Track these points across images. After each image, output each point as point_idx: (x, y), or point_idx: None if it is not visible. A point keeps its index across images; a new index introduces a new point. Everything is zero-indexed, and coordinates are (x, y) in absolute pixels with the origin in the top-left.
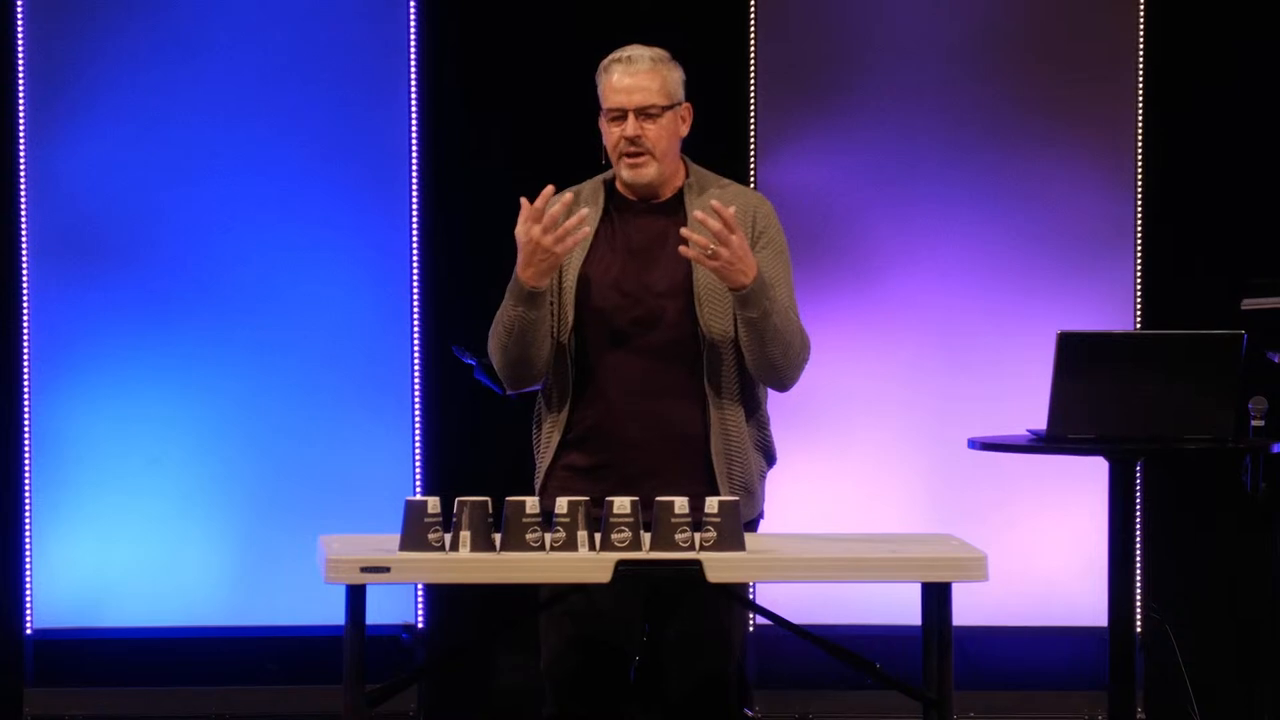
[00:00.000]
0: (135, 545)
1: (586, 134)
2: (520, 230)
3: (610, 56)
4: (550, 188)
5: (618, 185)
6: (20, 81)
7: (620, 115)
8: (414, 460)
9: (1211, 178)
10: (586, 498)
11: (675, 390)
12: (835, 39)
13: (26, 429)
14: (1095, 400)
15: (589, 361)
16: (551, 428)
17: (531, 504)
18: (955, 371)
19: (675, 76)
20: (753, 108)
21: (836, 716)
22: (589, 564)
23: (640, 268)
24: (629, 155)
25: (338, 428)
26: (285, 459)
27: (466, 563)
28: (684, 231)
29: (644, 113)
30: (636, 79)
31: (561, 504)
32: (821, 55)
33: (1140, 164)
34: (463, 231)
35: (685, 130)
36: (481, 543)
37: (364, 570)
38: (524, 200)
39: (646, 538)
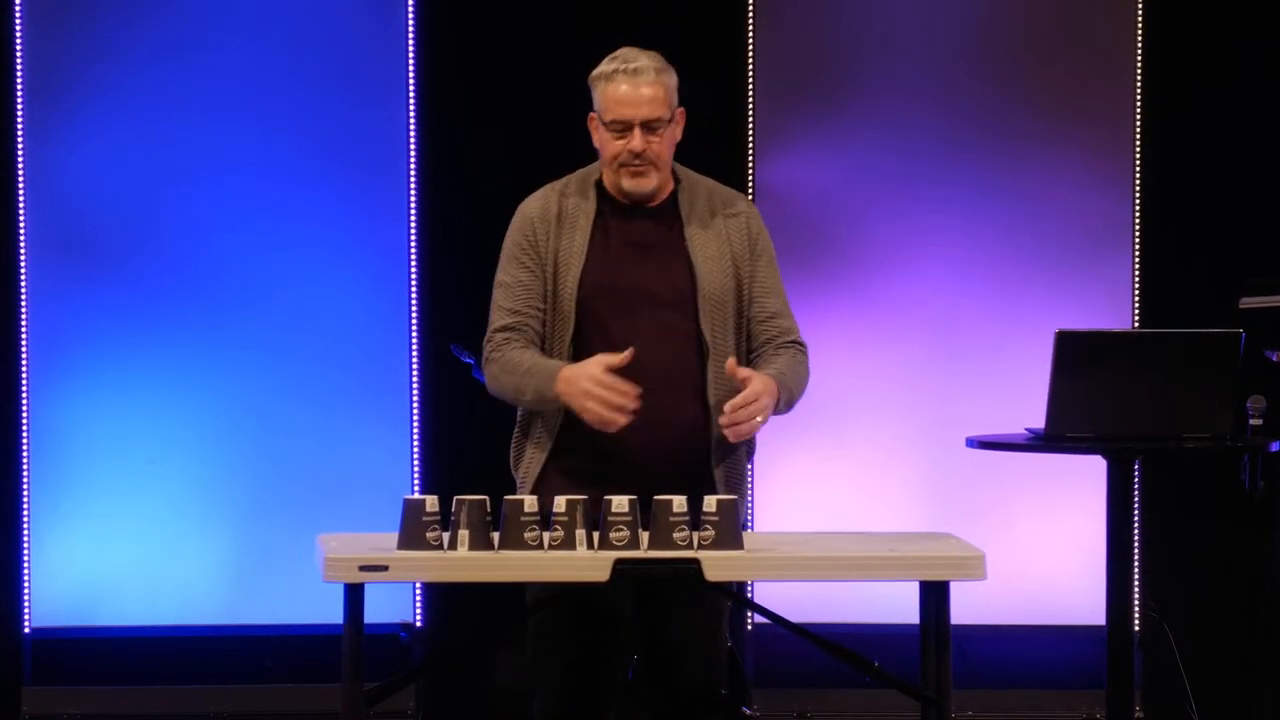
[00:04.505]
0: (133, 544)
1: (585, 134)
2: (593, 384)
3: (609, 63)
4: (632, 350)
5: (608, 187)
6: (19, 80)
7: (625, 128)
8: (412, 459)
9: (1210, 177)
10: (584, 496)
11: (679, 395)
12: (833, 38)
13: (25, 428)
14: (1093, 399)
15: None
16: (543, 431)
17: (530, 503)
18: (954, 370)
19: (673, 83)
20: (750, 107)
21: (835, 715)
22: (587, 563)
23: (641, 273)
24: (632, 167)
25: (336, 426)
26: (283, 458)
27: (465, 561)
28: (726, 432)
29: (649, 126)
30: (642, 91)
31: (560, 503)
32: (820, 54)
33: (1139, 163)
34: (461, 230)
35: (680, 135)
36: (480, 541)
37: (362, 569)
38: (606, 357)
39: (645, 536)
